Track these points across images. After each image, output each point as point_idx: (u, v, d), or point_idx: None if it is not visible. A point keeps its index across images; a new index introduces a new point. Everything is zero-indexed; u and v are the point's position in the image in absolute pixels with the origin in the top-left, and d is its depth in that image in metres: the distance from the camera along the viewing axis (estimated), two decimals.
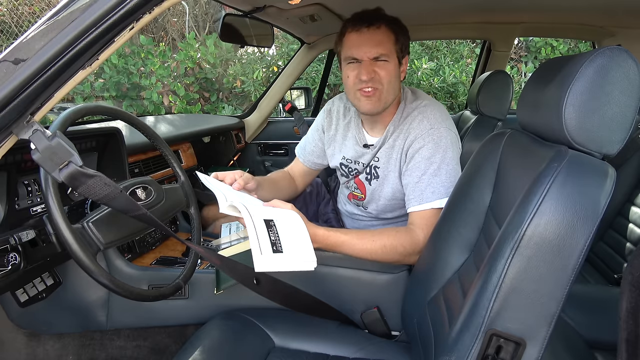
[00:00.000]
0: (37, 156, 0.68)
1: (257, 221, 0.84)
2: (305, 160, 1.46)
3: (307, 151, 1.45)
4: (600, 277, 1.44)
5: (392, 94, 1.15)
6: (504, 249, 0.62)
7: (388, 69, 1.11)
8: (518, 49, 5.33)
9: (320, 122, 1.40)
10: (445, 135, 1.11)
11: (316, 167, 1.47)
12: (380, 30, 1.09)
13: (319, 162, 1.45)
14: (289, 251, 0.82)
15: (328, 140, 1.38)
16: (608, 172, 0.62)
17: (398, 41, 1.12)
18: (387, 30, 1.10)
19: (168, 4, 0.69)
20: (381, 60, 1.10)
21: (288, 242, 0.84)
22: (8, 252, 0.86)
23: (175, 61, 4.63)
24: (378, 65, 1.11)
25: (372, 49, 1.09)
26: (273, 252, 0.80)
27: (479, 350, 0.63)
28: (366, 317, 1.08)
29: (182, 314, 1.17)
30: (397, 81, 1.15)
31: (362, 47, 1.10)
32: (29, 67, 0.63)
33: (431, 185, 1.08)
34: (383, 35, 1.10)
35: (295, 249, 0.84)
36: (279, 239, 0.84)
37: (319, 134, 1.41)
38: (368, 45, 1.10)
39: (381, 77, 1.11)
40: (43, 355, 1.19)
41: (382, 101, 1.14)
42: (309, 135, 1.45)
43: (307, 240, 0.89)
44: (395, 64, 1.13)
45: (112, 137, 1.22)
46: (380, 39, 1.09)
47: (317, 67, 4.60)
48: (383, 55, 1.10)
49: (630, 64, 0.63)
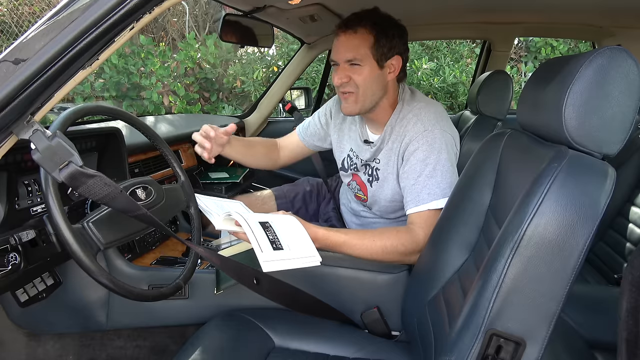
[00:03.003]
0: (37, 156, 0.68)
1: (253, 224, 0.85)
2: (304, 137, 1.48)
3: (309, 131, 1.46)
4: (600, 277, 1.44)
5: (371, 96, 1.15)
6: (504, 249, 0.62)
7: (362, 73, 1.12)
8: (518, 49, 5.33)
9: (330, 106, 1.42)
10: (439, 137, 1.11)
11: (311, 147, 1.49)
12: (356, 34, 1.10)
13: (317, 144, 1.46)
14: (289, 248, 0.84)
15: (335, 127, 1.39)
16: (608, 172, 0.62)
17: (377, 44, 1.11)
18: (365, 34, 1.10)
19: (168, 4, 0.69)
20: (355, 65, 1.12)
21: (287, 240, 0.86)
22: (8, 252, 0.86)
23: (175, 61, 4.63)
24: (352, 69, 1.12)
25: (346, 53, 1.12)
26: (273, 249, 0.81)
27: (479, 350, 0.63)
28: (366, 317, 1.08)
29: (182, 314, 1.17)
30: (377, 84, 1.15)
31: (338, 51, 1.13)
32: (29, 67, 0.63)
33: (427, 187, 1.09)
34: (359, 40, 1.10)
35: (295, 246, 0.86)
36: (277, 238, 0.85)
37: (326, 118, 1.42)
38: (343, 49, 1.12)
39: (356, 82, 1.13)
40: (43, 355, 1.19)
41: (359, 104, 1.16)
42: (315, 116, 1.46)
43: (306, 238, 0.90)
44: (371, 68, 1.12)
45: (112, 137, 1.22)
46: (355, 43, 1.10)
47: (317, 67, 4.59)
48: (356, 59, 1.11)
49: (630, 64, 0.63)
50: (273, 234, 0.86)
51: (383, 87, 1.16)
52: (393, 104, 1.21)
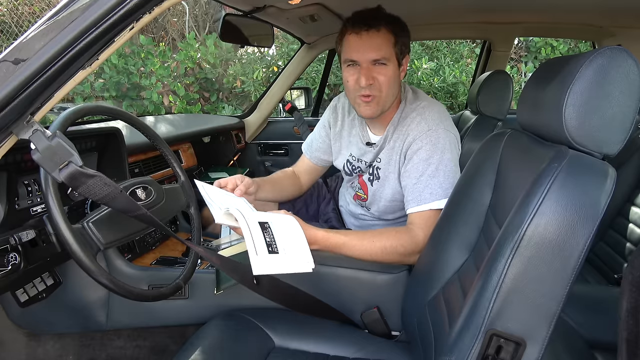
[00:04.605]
0: (37, 156, 0.68)
1: (252, 224, 0.84)
2: (312, 156, 1.46)
3: (313, 147, 1.45)
4: (600, 277, 1.44)
5: (391, 97, 1.15)
6: (504, 249, 0.62)
7: (387, 73, 1.10)
8: (518, 49, 5.33)
9: (327, 118, 1.41)
10: (443, 136, 1.11)
11: (322, 163, 1.47)
12: (379, 33, 1.08)
13: (325, 158, 1.45)
14: (285, 252, 0.83)
15: (334, 136, 1.39)
16: (608, 172, 0.62)
17: (398, 42, 1.10)
18: (387, 33, 1.09)
19: (168, 4, 0.69)
20: (380, 64, 1.09)
21: (284, 243, 0.85)
22: (8, 252, 0.86)
23: (175, 61, 4.63)
24: (377, 69, 1.09)
25: (371, 52, 1.08)
26: (269, 252, 0.80)
27: (479, 350, 0.63)
28: (366, 317, 1.08)
29: (182, 314, 1.17)
30: (396, 84, 1.15)
31: (361, 51, 1.09)
32: (29, 67, 0.63)
33: (429, 187, 1.08)
34: (382, 38, 1.08)
35: (291, 250, 0.85)
36: (274, 241, 0.84)
37: (326, 130, 1.42)
38: (367, 49, 1.08)
39: (380, 83, 1.10)
40: (43, 355, 1.19)
41: (381, 106, 1.14)
42: (316, 131, 1.46)
43: (303, 242, 0.89)
44: (394, 67, 1.11)
45: (112, 137, 1.22)
46: (379, 43, 1.08)
47: (317, 67, 4.60)
48: (383, 59, 1.09)
49: (630, 64, 0.63)
50: (271, 236, 0.85)
51: (399, 87, 1.17)
52: (397, 103, 1.21)
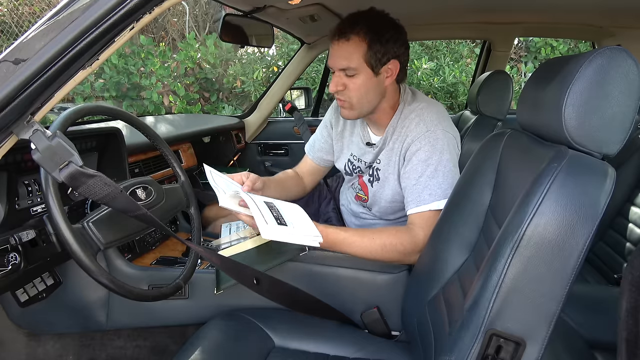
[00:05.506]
0: (37, 156, 0.68)
1: (259, 202, 0.89)
2: (314, 157, 1.47)
3: (316, 148, 1.46)
4: (600, 277, 1.44)
5: (367, 103, 1.15)
6: (503, 249, 0.62)
7: (356, 82, 1.11)
8: (518, 49, 5.33)
9: (329, 118, 1.42)
10: (442, 137, 1.11)
11: (325, 164, 1.48)
12: (349, 42, 1.07)
13: (328, 158, 1.46)
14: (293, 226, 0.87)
15: (336, 136, 1.39)
16: (608, 172, 0.62)
17: (371, 51, 1.08)
18: (359, 42, 1.07)
19: (168, 4, 0.69)
20: (349, 75, 1.10)
21: (290, 219, 0.89)
22: (8, 252, 0.86)
23: (175, 61, 4.63)
24: (347, 78, 1.11)
25: (340, 61, 1.10)
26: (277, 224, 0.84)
27: (479, 350, 0.63)
28: (366, 317, 1.08)
29: (182, 314, 1.17)
30: (373, 91, 1.13)
31: (333, 59, 1.11)
32: (29, 67, 0.63)
33: (428, 188, 1.09)
34: (352, 47, 1.08)
35: (298, 224, 0.89)
36: (281, 216, 0.89)
37: (328, 130, 1.42)
38: (336, 58, 1.10)
39: (350, 90, 1.12)
40: (43, 355, 1.19)
41: (357, 110, 1.16)
42: (318, 132, 1.46)
43: (308, 220, 0.94)
44: (366, 76, 1.10)
45: (112, 137, 1.22)
46: (349, 52, 1.08)
47: (317, 67, 4.60)
48: (349, 69, 1.09)
49: (629, 63, 0.63)
50: (277, 213, 0.88)
51: (380, 93, 1.15)
52: (394, 106, 1.20)
